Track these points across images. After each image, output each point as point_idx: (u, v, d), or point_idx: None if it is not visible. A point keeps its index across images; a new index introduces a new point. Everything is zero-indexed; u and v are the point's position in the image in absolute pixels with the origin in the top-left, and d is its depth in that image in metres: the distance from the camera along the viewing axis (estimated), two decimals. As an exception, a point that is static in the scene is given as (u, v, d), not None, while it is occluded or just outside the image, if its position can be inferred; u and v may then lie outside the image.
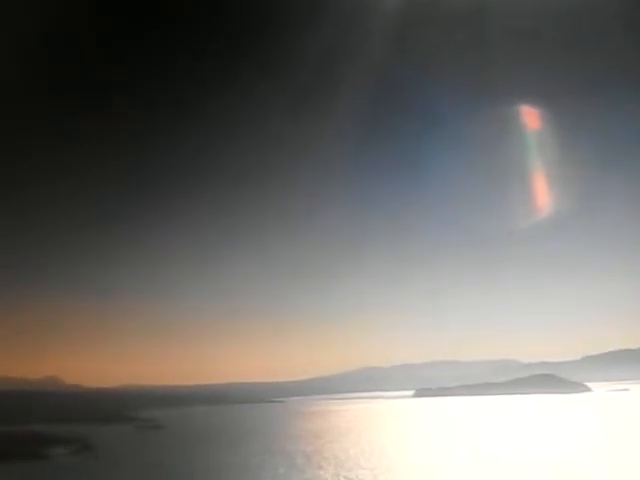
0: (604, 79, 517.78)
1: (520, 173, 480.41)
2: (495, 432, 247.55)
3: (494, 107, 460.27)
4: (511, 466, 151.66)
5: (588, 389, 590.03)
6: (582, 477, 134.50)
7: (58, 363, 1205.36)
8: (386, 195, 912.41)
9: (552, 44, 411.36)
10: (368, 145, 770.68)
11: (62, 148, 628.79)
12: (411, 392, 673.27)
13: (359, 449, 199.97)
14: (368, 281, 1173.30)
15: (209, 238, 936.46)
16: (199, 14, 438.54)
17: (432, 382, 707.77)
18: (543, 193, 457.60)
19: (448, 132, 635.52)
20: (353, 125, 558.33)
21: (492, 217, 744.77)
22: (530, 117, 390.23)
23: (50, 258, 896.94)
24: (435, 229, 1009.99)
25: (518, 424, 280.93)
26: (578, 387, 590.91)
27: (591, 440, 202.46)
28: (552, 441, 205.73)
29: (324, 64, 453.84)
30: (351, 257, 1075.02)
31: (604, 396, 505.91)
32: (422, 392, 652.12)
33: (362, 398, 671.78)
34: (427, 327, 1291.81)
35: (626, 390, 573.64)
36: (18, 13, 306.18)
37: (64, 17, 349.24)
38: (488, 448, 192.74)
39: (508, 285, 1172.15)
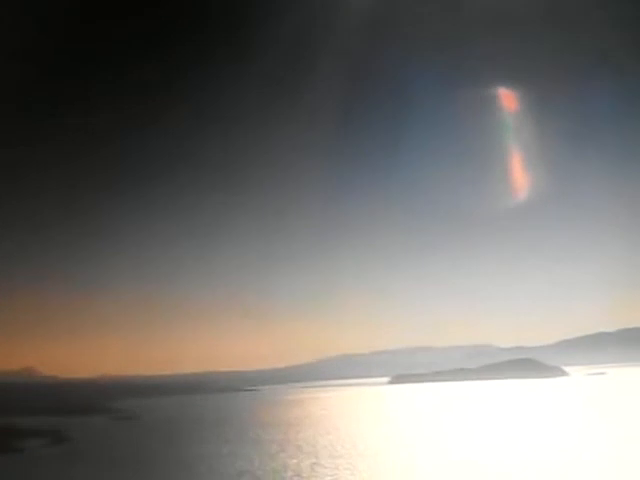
0: (581, 59, 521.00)
1: (497, 155, 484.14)
2: (470, 418, 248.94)
3: (470, 88, 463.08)
4: (486, 452, 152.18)
5: (565, 373, 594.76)
6: (560, 462, 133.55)
7: (33, 354, 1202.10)
8: (362, 180, 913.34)
9: (528, 24, 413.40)
10: (344, 128, 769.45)
11: (43, 140, 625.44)
12: (386, 379, 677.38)
13: (334, 437, 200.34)
14: (344, 268, 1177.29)
15: (183, 229, 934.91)
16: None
17: (407, 368, 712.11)
18: (520, 175, 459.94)
19: (424, 114, 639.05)
20: (328, 109, 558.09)
21: (468, 201, 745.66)
22: (507, 98, 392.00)
23: (25, 248, 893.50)
24: (410, 215, 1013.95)
25: (494, 409, 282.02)
26: (555, 371, 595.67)
27: (569, 425, 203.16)
28: (529, 426, 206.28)
29: (297, 47, 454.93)
30: (327, 244, 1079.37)
31: (581, 380, 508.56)
32: (397, 379, 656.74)
33: (337, 385, 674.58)
34: (402, 313, 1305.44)
35: (603, 374, 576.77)
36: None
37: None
38: (463, 434, 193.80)
39: (483, 269, 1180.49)
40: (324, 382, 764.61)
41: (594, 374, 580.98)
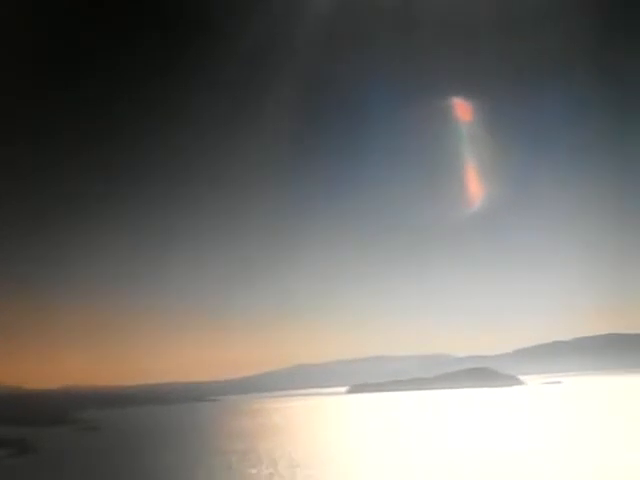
0: (534, 68, 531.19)
1: (453, 165, 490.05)
2: (428, 427, 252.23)
3: (426, 99, 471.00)
4: (444, 461, 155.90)
5: (521, 382, 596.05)
6: (515, 471, 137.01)
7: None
8: (319, 192, 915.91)
9: (483, 36, 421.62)
10: (302, 142, 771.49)
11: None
12: (345, 388, 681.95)
13: (293, 446, 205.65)
14: (301, 280, 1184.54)
15: (144, 237, 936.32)
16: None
17: (365, 378, 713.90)
18: (475, 184, 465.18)
19: (381, 126, 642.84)
20: (286, 121, 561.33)
21: (424, 210, 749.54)
22: (462, 108, 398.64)
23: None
24: (367, 224, 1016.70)
25: (450, 419, 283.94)
26: (511, 380, 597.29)
27: (525, 434, 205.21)
28: (485, 434, 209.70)
29: (256, 57, 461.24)
30: (284, 256, 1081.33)
31: (537, 389, 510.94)
32: (355, 388, 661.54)
33: (297, 395, 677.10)
34: (360, 323, 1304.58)
35: (559, 382, 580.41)
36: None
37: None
38: (421, 442, 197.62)
39: (439, 279, 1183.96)
40: (285, 392, 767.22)
41: (550, 383, 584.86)
